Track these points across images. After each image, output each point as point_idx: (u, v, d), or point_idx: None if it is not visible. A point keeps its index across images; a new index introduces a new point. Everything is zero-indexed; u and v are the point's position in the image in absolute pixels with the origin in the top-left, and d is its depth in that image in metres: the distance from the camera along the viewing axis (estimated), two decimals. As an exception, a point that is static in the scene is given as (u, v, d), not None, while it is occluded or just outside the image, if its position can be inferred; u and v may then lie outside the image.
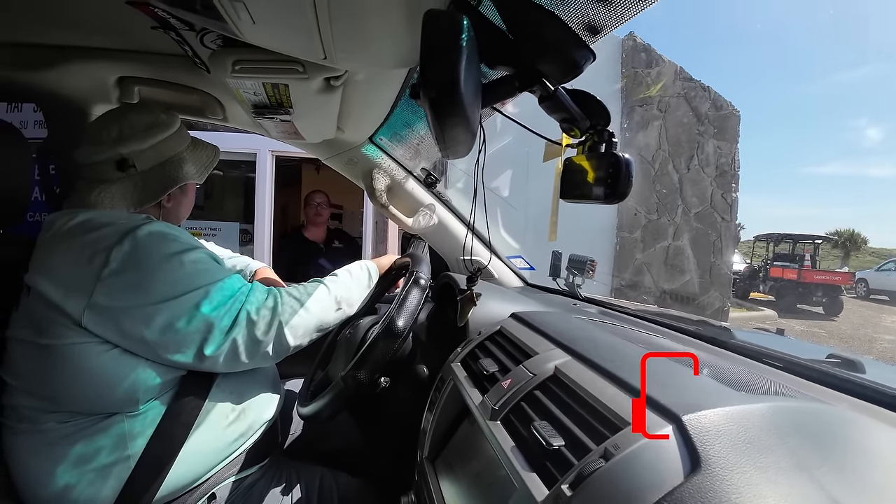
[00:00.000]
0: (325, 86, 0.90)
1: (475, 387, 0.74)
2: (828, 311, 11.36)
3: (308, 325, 0.93)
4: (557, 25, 0.52)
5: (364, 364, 0.91)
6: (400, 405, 1.04)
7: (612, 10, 0.56)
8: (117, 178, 0.89)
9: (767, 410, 0.46)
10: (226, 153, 3.74)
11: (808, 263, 12.27)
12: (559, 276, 1.71)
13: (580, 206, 0.70)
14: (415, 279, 1.01)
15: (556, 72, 0.56)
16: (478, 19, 0.56)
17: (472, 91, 0.44)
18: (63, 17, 0.96)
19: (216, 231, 3.86)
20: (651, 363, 0.61)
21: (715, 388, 0.54)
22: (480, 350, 0.86)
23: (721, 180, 6.83)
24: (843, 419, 0.52)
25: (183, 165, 0.97)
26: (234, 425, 0.91)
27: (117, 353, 0.78)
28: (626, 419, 0.47)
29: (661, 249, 6.55)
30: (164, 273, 0.79)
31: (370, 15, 0.55)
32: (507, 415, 0.62)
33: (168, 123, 0.96)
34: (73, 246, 0.79)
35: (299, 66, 0.81)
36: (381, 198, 1.61)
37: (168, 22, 0.86)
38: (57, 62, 1.10)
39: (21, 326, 0.81)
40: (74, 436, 0.78)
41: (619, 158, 0.59)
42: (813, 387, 0.71)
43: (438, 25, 0.41)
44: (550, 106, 0.61)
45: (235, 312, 0.84)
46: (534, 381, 0.63)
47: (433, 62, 0.40)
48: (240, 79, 0.87)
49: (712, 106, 6.79)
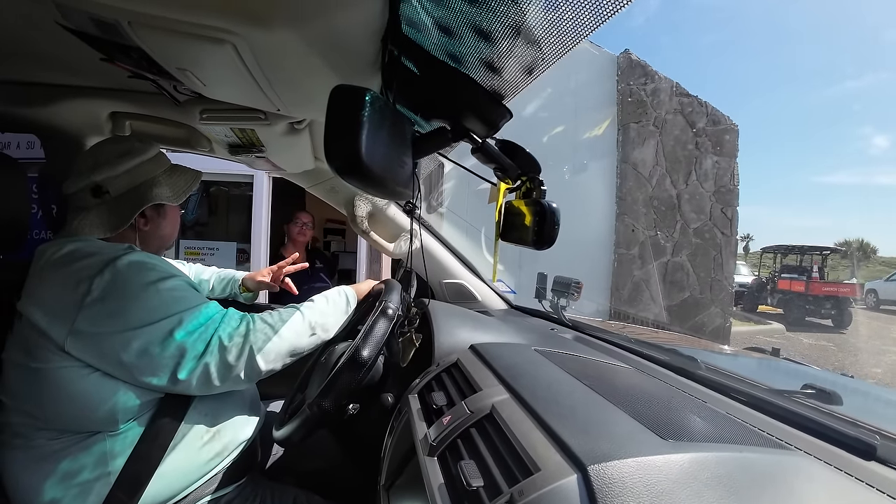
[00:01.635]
0: (289, 129, 0.95)
1: (423, 419, 0.76)
2: (837, 324, 11.14)
3: (280, 351, 0.96)
4: (471, 89, 0.56)
5: (329, 393, 0.93)
6: (371, 430, 1.06)
7: (541, 51, 0.59)
8: (94, 204, 0.94)
9: (687, 462, 0.46)
10: (224, 174, 3.85)
11: (816, 275, 12.09)
12: (545, 298, 1.72)
13: (576, 222, 0.72)
14: (382, 309, 1.03)
15: (477, 128, 0.60)
16: (410, 79, 0.60)
17: (385, 154, 0.48)
18: (58, 60, 1.03)
19: (214, 250, 3.93)
20: (586, 402, 0.63)
21: (638, 434, 0.54)
22: (436, 382, 0.88)
23: (720, 195, 6.81)
24: (776, 471, 0.50)
25: (154, 188, 0.99)
26: (209, 445, 0.95)
27: (98, 376, 0.83)
28: (537, 464, 0.49)
29: (660, 266, 6.51)
30: (141, 300, 0.84)
31: (304, 77, 0.59)
32: (443, 451, 0.64)
33: (141, 150, 1.00)
34: (60, 275, 0.84)
35: (261, 114, 0.86)
36: (363, 224, 1.65)
37: (141, 74, 0.91)
38: (54, 99, 1.18)
39: (15, 350, 0.86)
40: (61, 452, 0.83)
41: (545, 206, 0.62)
42: (775, 425, 0.71)
43: (340, 102, 0.44)
44: (481, 156, 0.64)
45: (208, 338, 0.88)
46: (471, 418, 0.66)
47: (334, 138, 0.44)
48: (208, 125, 0.92)
49: (709, 121, 6.80)
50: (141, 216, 0.99)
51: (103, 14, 0.54)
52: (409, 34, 0.55)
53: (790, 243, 13.75)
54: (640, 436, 0.54)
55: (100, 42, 0.68)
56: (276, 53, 0.56)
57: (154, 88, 1.08)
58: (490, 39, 0.49)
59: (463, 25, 0.48)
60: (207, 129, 0.96)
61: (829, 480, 0.54)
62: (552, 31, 0.44)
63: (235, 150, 1.10)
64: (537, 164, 0.65)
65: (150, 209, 1.00)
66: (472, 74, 0.57)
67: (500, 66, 0.53)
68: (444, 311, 1.25)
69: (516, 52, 0.49)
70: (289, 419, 1.00)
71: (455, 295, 1.72)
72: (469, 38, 0.50)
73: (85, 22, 0.59)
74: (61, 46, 0.74)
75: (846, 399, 0.84)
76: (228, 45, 0.55)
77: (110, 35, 0.61)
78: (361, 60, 0.59)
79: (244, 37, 0.54)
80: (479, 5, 0.44)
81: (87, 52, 0.91)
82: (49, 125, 1.27)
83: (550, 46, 0.47)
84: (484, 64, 0.54)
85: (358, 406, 0.97)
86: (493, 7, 0.43)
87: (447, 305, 1.41)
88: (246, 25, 0.52)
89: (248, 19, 0.51)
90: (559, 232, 0.69)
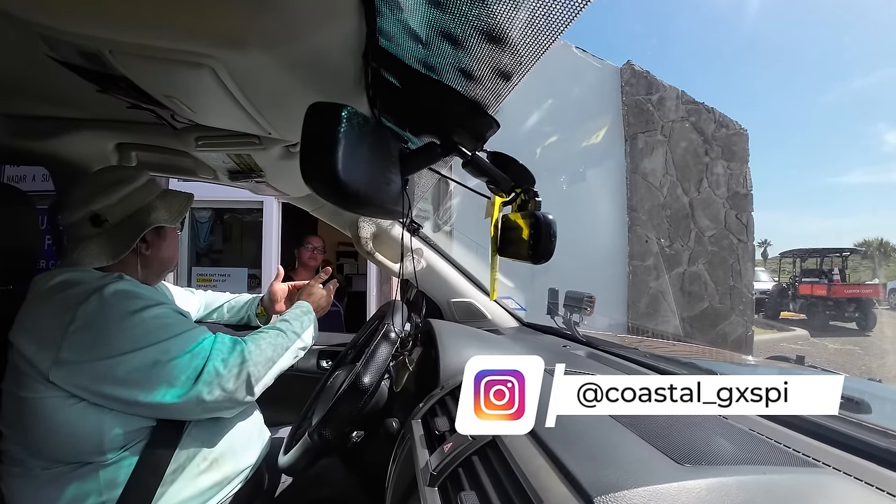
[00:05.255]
0: (285, 152, 0.95)
1: (426, 446, 0.73)
2: (861, 326, 10.84)
3: (272, 375, 0.97)
4: (454, 100, 0.54)
5: (330, 421, 0.91)
6: (380, 456, 1.03)
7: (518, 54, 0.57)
8: (94, 233, 0.95)
9: (705, 489, 0.43)
10: (235, 201, 3.90)
11: (837, 278, 11.81)
12: (557, 314, 1.67)
13: (587, 235, 0.70)
14: (384, 333, 1.01)
15: (465, 141, 0.58)
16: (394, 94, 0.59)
17: (367, 172, 0.46)
18: (59, 94, 1.05)
19: (225, 276, 3.96)
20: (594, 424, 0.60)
21: (648, 460, 0.51)
22: (440, 406, 0.85)
23: (734, 201, 6.70)
24: (803, 492, 0.47)
25: (152, 212, 1.00)
26: (207, 474, 0.94)
27: (82, 406, 0.82)
28: (540, 496, 0.46)
29: (677, 276, 6.39)
30: (124, 329, 0.84)
31: (288, 99, 0.59)
32: (444, 481, 0.61)
33: (134, 177, 1.01)
34: (48, 305, 0.86)
35: (255, 138, 0.86)
36: (367, 245, 1.64)
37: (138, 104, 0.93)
38: (60, 132, 1.21)
39: (9, 380, 0.86)
40: (57, 480, 0.83)
41: (540, 218, 0.59)
42: (800, 440, 0.66)
43: (315, 119, 0.43)
44: (472, 169, 0.62)
45: (200, 365, 0.87)
46: (472, 445, 0.63)
47: (309, 156, 0.42)
48: (204, 152, 0.92)
49: (718, 126, 6.74)
50: (142, 241, 1.00)
51: (85, 44, 0.54)
52: (388, 48, 0.54)
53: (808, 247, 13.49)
54: (652, 461, 0.50)
55: (91, 73, 0.69)
56: (254, 76, 0.56)
57: (153, 118, 1.10)
58: (464, 47, 0.47)
59: (436, 34, 0.47)
60: (206, 157, 0.96)
61: (861, 499, 0.50)
62: (526, 32, 0.42)
63: (235, 176, 1.10)
64: (531, 176, 0.63)
65: (150, 233, 1.01)
66: (454, 85, 0.55)
67: (478, 74, 0.52)
68: (449, 330, 1.22)
69: (492, 57, 0.48)
70: (293, 447, 0.98)
71: (464, 314, 1.69)
72: (443, 46, 0.49)
73: (71, 53, 0.60)
74: (60, 80, 0.76)
75: (875, 407, 0.80)
76: (207, 70, 0.55)
77: (97, 66, 0.62)
78: (344, 79, 0.58)
79: (221, 60, 0.54)
80: (448, 11, 0.43)
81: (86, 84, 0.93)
82: (57, 157, 1.30)
83: (526, 48, 0.45)
84: (462, 73, 0.53)
85: (362, 433, 0.95)
86: (463, 11, 0.42)
87: (453, 325, 1.38)
88: (220, 48, 0.52)
89: (222, 43, 0.51)
90: (565, 245, 0.67)
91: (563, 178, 5.99)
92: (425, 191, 1.49)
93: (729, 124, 6.78)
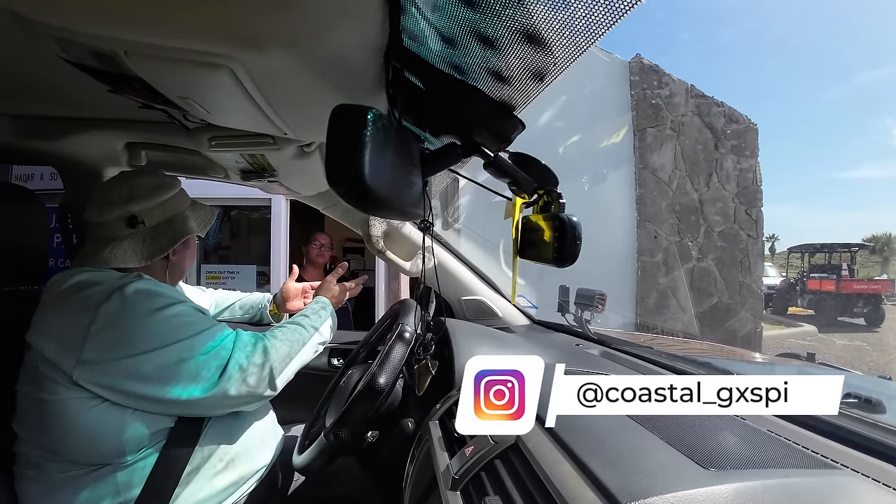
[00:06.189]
0: (299, 152, 0.94)
1: (445, 449, 0.72)
2: (870, 322, 10.77)
3: (294, 369, 0.97)
4: (480, 101, 0.53)
5: (346, 422, 0.91)
6: (395, 456, 1.03)
7: (553, 55, 0.56)
8: (128, 234, 0.95)
9: (732, 494, 0.43)
10: (243, 199, 3.91)
11: (845, 273, 11.72)
12: (568, 312, 1.66)
13: (595, 231, 0.69)
14: (399, 332, 1.01)
15: (488, 142, 0.57)
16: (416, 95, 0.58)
17: (391, 175, 0.45)
18: (69, 93, 1.05)
19: (235, 274, 3.98)
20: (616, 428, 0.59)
21: (675, 464, 0.50)
22: (457, 407, 0.84)
23: (743, 196, 6.63)
24: (825, 495, 0.47)
25: (188, 221, 1.02)
26: (224, 474, 0.94)
27: (104, 407, 0.82)
28: (568, 502, 0.45)
29: (686, 272, 6.34)
30: (148, 327, 0.84)
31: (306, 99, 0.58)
32: (466, 485, 0.60)
33: (171, 185, 1.02)
34: (67, 305, 0.85)
35: (269, 138, 0.85)
36: (378, 244, 1.63)
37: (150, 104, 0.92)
38: (69, 131, 1.20)
39: (25, 381, 0.87)
40: (73, 483, 0.83)
41: (564, 221, 0.58)
42: (818, 441, 0.65)
43: (340, 122, 0.42)
44: (494, 171, 0.61)
45: (223, 362, 0.87)
46: (495, 449, 0.62)
47: (336, 161, 0.42)
48: (217, 152, 0.91)
49: (728, 121, 6.66)
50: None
51: (99, 45, 0.54)
52: (411, 48, 0.53)
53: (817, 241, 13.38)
54: (678, 466, 0.50)
55: (103, 74, 0.68)
56: (274, 76, 0.55)
57: (165, 118, 1.09)
58: (497, 47, 0.46)
59: (467, 34, 0.46)
60: (218, 156, 0.96)
61: (880, 500, 0.50)
62: (564, 33, 0.41)
63: (248, 175, 1.10)
64: (554, 177, 0.62)
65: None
66: (480, 85, 0.54)
67: (508, 74, 0.51)
68: (463, 330, 1.22)
69: (526, 58, 0.47)
70: (308, 446, 0.98)
71: (475, 312, 1.68)
72: (474, 47, 0.48)
73: (84, 54, 0.60)
74: (71, 80, 0.75)
75: (889, 406, 0.79)
76: (225, 70, 0.54)
77: (110, 66, 0.61)
78: (364, 79, 0.57)
79: (240, 60, 0.53)
80: (483, 11, 0.42)
81: (96, 84, 0.93)
82: (66, 157, 1.30)
83: (562, 49, 0.44)
84: (492, 74, 0.52)
85: (377, 434, 0.94)
86: (499, 12, 0.41)
87: (466, 324, 1.37)
88: (239, 49, 0.51)
89: (241, 43, 0.50)
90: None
91: (571, 173, 5.95)
92: (440, 190, 1.48)
93: (739, 118, 6.69)
